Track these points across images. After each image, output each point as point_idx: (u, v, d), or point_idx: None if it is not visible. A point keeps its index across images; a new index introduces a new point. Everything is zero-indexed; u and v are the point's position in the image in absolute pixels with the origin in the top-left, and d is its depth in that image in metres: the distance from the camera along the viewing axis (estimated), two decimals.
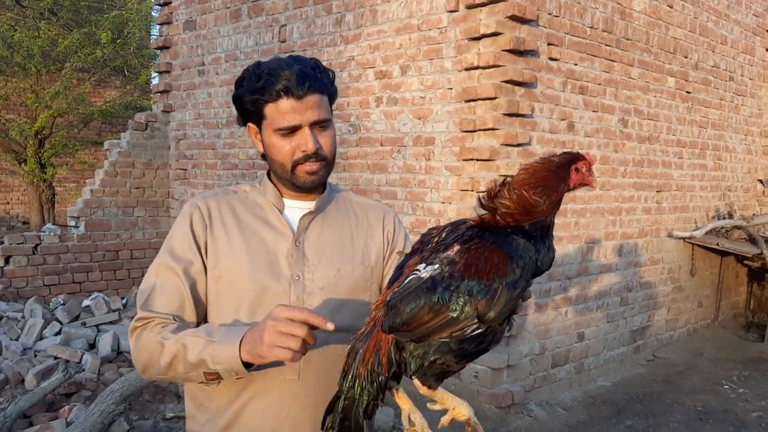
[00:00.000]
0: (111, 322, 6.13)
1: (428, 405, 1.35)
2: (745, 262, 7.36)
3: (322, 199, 1.63)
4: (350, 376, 1.29)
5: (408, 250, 1.68)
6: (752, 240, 6.84)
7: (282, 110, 1.48)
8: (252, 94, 1.51)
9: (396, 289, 1.27)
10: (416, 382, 1.27)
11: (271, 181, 1.63)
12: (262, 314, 1.49)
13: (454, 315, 1.20)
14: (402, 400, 1.33)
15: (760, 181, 7.88)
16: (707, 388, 5.57)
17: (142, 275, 7.68)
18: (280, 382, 1.51)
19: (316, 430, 1.42)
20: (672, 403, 5.19)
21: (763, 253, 6.53)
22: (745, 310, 7.81)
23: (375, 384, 1.27)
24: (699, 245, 6.74)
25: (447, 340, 1.22)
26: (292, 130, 1.50)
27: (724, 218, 7.08)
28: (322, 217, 1.63)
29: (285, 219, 1.59)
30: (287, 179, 1.56)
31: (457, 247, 1.27)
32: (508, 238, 1.26)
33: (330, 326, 1.28)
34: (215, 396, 1.54)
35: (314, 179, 1.55)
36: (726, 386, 5.62)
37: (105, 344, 5.46)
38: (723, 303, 7.44)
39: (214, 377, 1.41)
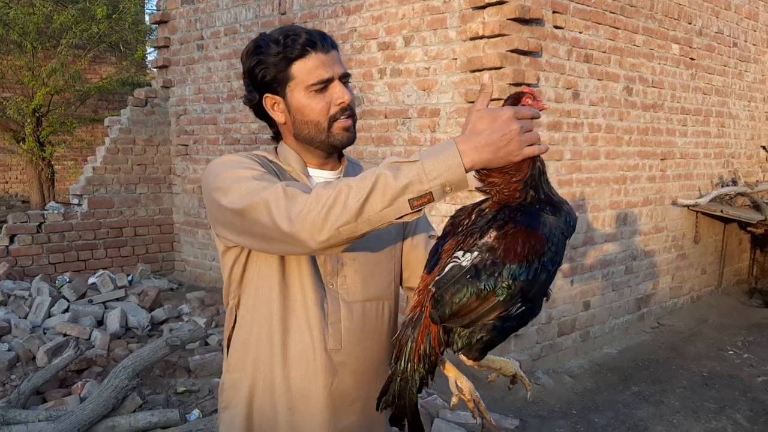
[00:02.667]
0: (117, 299, 6.16)
1: (475, 366, 1.40)
2: (749, 228, 7.38)
3: (346, 168, 1.63)
4: (403, 360, 1.34)
5: (423, 218, 1.70)
6: (756, 206, 6.85)
7: (311, 65, 1.47)
8: (276, 56, 1.47)
9: (437, 277, 1.31)
10: (462, 357, 1.34)
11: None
12: (297, 282, 1.51)
13: (501, 299, 1.25)
14: (448, 368, 1.39)
15: (764, 147, 7.87)
16: (712, 354, 5.62)
17: (147, 252, 7.75)
18: (324, 352, 1.52)
19: (357, 396, 1.52)
20: (677, 369, 5.25)
21: (767, 219, 6.54)
22: (748, 277, 7.86)
23: (426, 365, 1.34)
24: (703, 213, 6.75)
25: (493, 321, 1.28)
26: (326, 84, 1.48)
27: (727, 185, 7.08)
28: None
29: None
30: (323, 140, 1.52)
31: (494, 233, 1.30)
32: (541, 218, 1.29)
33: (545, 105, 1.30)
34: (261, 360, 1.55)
35: (350, 136, 1.53)
36: (731, 352, 5.67)
37: (113, 321, 5.50)
38: (726, 270, 7.48)
39: (424, 200, 1.24)
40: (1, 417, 3.64)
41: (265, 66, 1.49)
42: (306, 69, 1.47)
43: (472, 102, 4.77)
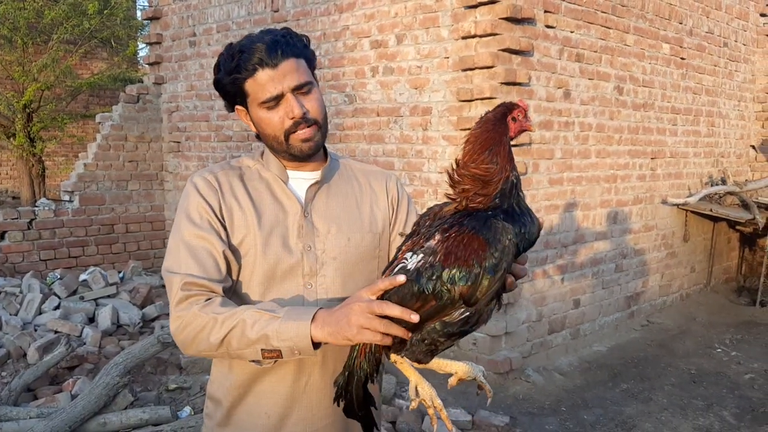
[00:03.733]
0: (109, 296, 6.14)
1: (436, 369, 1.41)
2: (737, 227, 7.44)
3: (326, 168, 1.63)
4: (353, 354, 1.39)
5: (412, 213, 1.72)
6: (745, 205, 6.91)
7: (261, 82, 1.48)
8: (229, 75, 1.51)
9: (387, 277, 1.34)
10: (405, 358, 1.35)
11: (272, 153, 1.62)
12: (275, 288, 1.53)
13: (441, 303, 1.26)
14: (409, 372, 1.38)
15: (753, 146, 7.93)
16: (700, 351, 5.67)
17: (138, 249, 7.72)
18: None
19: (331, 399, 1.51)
20: (666, 367, 5.29)
21: (755, 218, 6.60)
22: (737, 275, 7.92)
23: (371, 362, 1.37)
24: (692, 211, 6.80)
25: (433, 324, 1.29)
26: (276, 100, 1.50)
27: (717, 184, 7.13)
28: (327, 186, 1.63)
29: (291, 190, 1.59)
30: (284, 151, 1.55)
31: (438, 237, 1.31)
32: (488, 222, 1.28)
33: (414, 318, 1.27)
34: (237, 363, 1.57)
35: (310, 145, 1.54)
36: (719, 349, 5.72)
37: (104, 318, 5.49)
38: (715, 268, 7.54)
39: (274, 355, 1.37)
40: None
41: (222, 85, 1.54)
42: (258, 86, 1.49)
43: (464, 101, 4.81)
